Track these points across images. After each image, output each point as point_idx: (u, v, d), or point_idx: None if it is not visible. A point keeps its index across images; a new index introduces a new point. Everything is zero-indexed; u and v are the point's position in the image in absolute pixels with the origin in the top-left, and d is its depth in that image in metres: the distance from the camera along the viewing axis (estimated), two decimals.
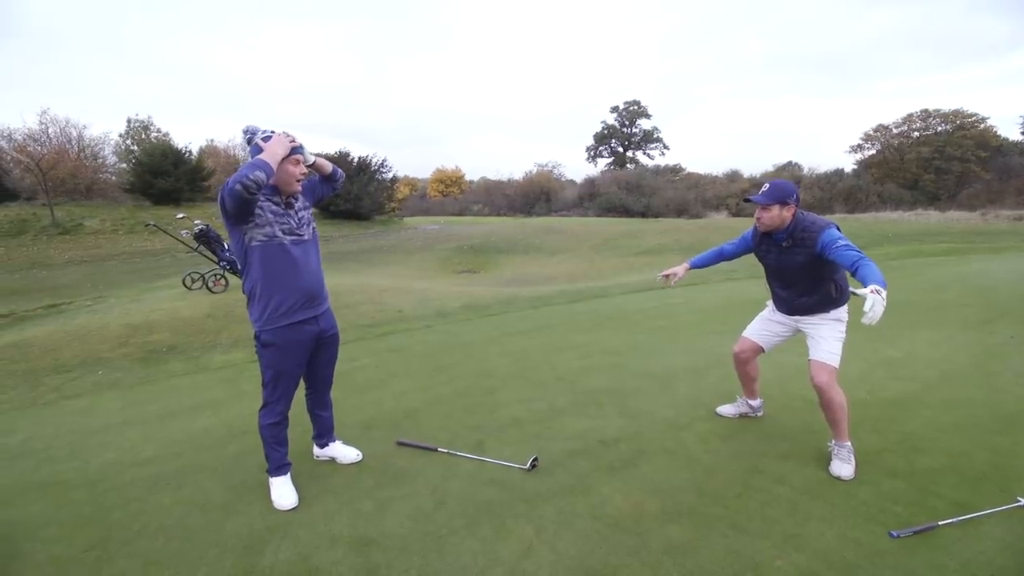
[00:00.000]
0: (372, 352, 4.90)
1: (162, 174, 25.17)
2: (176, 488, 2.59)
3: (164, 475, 2.73)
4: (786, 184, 2.49)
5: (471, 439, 2.95)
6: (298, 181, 2.18)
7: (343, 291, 7.76)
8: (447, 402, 3.56)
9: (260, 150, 2.07)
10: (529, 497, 2.36)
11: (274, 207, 2.14)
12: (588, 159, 57.90)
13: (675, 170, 47.96)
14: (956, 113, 35.66)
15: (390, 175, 29.62)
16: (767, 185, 2.50)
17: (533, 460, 2.59)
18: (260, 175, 1.89)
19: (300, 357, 2.30)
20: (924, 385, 3.56)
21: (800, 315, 2.66)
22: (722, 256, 2.93)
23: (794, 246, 2.48)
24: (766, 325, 2.85)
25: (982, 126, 35.10)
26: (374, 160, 28.22)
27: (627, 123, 55.60)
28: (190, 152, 28.04)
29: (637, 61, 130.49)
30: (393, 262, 16.39)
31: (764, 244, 2.65)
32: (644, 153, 55.79)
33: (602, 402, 3.44)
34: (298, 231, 2.21)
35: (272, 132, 2.14)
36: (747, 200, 2.54)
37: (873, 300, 1.95)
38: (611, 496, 2.35)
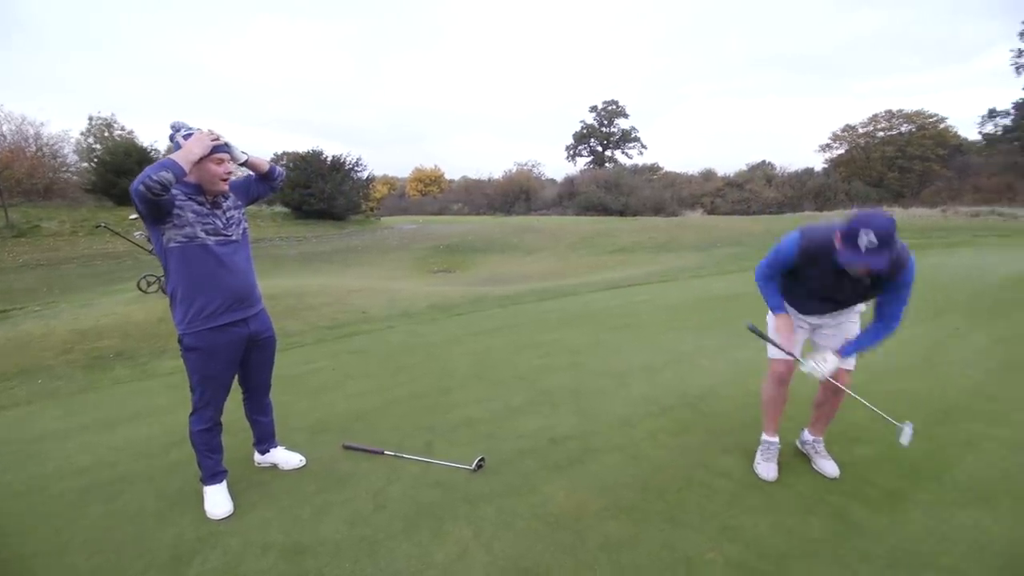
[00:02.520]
0: (331, 354, 4.80)
1: (125, 173, 24.25)
2: (108, 499, 2.48)
3: (97, 485, 2.61)
4: (888, 223, 1.78)
5: (420, 440, 2.91)
6: (223, 180, 2.10)
7: (307, 293, 7.59)
8: (402, 403, 3.50)
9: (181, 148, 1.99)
10: (472, 498, 2.33)
11: (196, 207, 2.06)
12: (568, 158, 58.12)
13: (653, 169, 48.51)
14: (918, 114, 37.00)
15: (366, 174, 29.16)
16: (871, 238, 1.76)
17: (479, 460, 2.57)
18: (165, 175, 1.81)
19: (227, 360, 2.22)
20: (870, 377, 3.64)
21: (821, 316, 2.37)
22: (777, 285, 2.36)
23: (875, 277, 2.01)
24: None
25: (941, 126, 36.50)
26: (348, 159, 27.77)
27: (605, 122, 55.98)
28: (156, 150, 27.18)
29: (622, 61, 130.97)
30: (367, 262, 16.15)
31: (820, 266, 2.07)
32: (622, 152, 56.35)
33: (557, 401, 3.43)
34: (225, 231, 2.13)
35: (195, 130, 2.07)
36: (870, 273, 1.91)
37: (810, 369, 2.23)
38: (554, 495, 2.34)
